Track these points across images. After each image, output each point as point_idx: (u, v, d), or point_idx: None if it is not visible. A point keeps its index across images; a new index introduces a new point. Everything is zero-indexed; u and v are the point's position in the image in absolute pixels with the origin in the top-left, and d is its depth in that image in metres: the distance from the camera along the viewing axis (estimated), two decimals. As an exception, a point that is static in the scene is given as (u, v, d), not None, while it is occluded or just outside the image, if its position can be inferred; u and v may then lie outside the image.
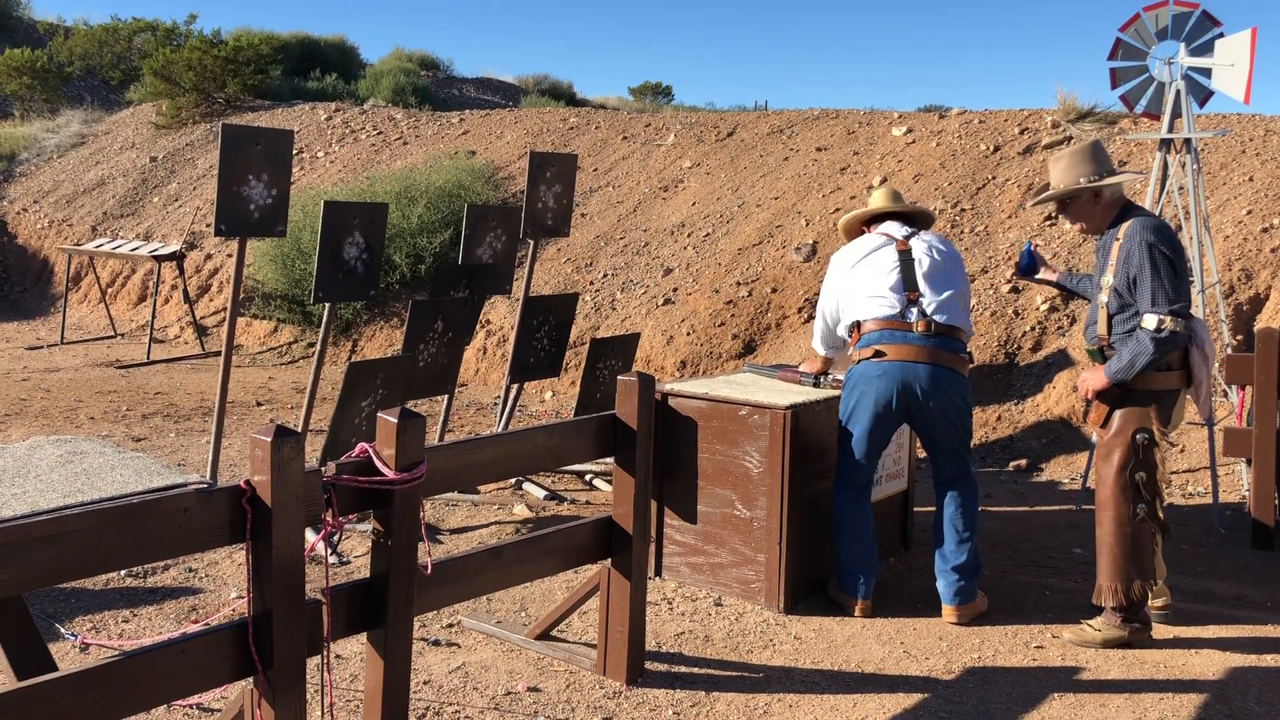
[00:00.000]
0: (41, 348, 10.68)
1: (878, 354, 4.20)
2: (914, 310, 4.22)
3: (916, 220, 4.59)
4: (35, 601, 4.13)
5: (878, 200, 4.63)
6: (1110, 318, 3.99)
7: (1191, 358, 3.97)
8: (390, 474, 2.76)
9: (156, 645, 2.49)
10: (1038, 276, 4.57)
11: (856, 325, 4.33)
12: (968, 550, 4.23)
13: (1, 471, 2.80)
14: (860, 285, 4.32)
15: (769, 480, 4.28)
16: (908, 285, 4.24)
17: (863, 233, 4.61)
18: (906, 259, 4.30)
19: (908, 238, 4.39)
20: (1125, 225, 3.99)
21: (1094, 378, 4.00)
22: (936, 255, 4.33)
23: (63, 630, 3.95)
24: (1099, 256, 4.13)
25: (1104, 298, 4.01)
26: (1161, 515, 4.03)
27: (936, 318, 4.20)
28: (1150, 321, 3.84)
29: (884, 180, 9.29)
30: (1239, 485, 6.01)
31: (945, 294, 4.25)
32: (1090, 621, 4.13)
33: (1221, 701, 3.59)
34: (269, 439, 2.47)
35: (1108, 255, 4.02)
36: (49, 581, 2.32)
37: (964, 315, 4.31)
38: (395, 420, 2.76)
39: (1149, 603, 4.14)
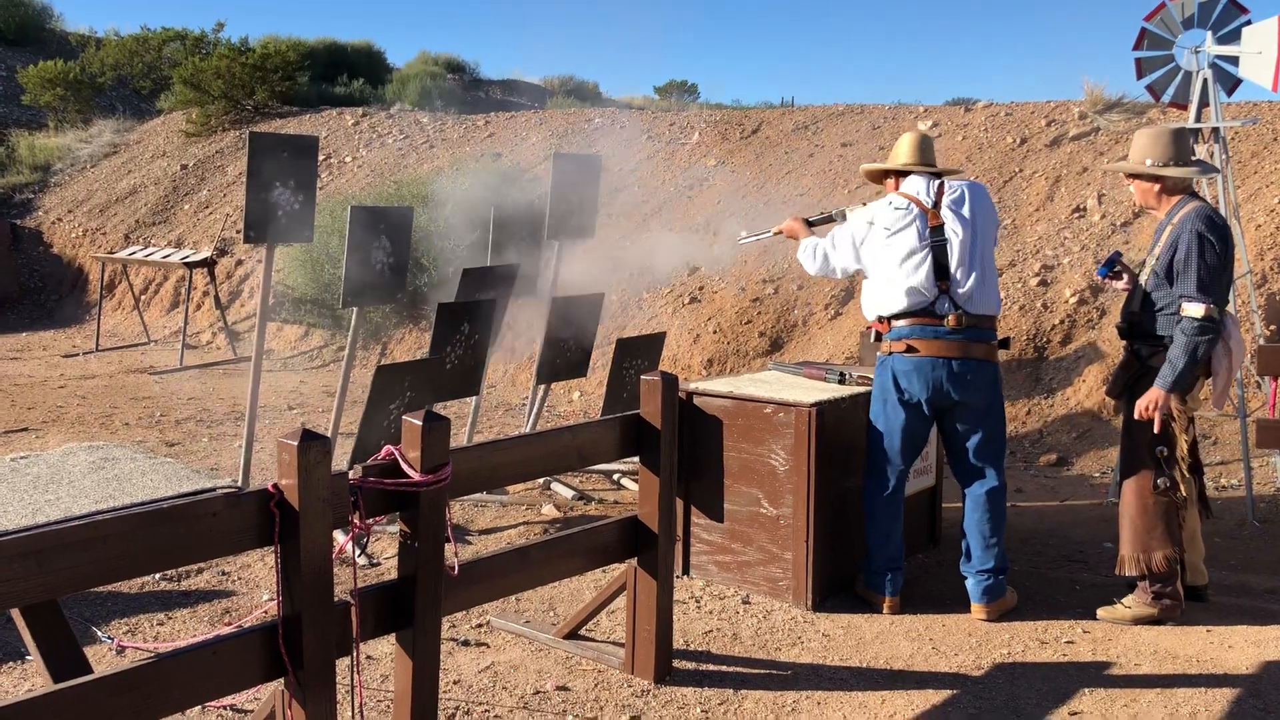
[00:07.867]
0: (77, 355, 10.84)
1: (910, 349, 4.14)
2: (945, 301, 4.12)
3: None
4: (73, 605, 4.20)
5: (905, 154, 4.45)
6: (1147, 295, 4.14)
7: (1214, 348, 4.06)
8: (416, 476, 2.78)
9: (189, 647, 2.53)
10: (1119, 285, 4.39)
11: (886, 318, 4.21)
12: (994, 554, 4.21)
13: (36, 478, 2.85)
14: (888, 271, 4.16)
15: (795, 478, 4.28)
16: (939, 274, 4.11)
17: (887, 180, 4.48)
18: (939, 240, 4.12)
19: (937, 203, 4.19)
20: (1182, 211, 4.10)
21: (1151, 395, 4.00)
22: (966, 228, 4.15)
23: (99, 633, 4.02)
24: (1154, 237, 4.26)
25: (1145, 275, 4.17)
26: (1184, 491, 4.11)
27: (968, 308, 4.13)
28: (1197, 310, 3.92)
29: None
30: (1273, 477, 5.94)
31: (975, 277, 4.12)
32: (1123, 600, 4.19)
33: (1255, 696, 3.56)
34: (296, 443, 2.49)
35: (1159, 237, 4.18)
36: (83, 585, 2.37)
37: (994, 294, 4.20)
38: (420, 423, 2.78)
39: (1182, 579, 4.19)
